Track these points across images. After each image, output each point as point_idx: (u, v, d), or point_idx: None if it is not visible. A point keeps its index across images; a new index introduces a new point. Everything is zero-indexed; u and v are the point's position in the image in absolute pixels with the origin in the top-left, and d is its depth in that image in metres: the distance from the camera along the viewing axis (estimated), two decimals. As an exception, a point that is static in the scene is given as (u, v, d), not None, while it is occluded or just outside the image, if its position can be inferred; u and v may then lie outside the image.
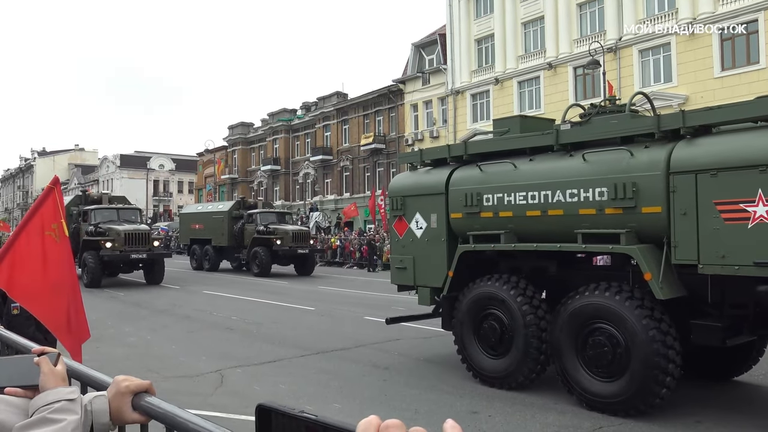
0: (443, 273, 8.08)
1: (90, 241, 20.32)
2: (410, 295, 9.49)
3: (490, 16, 35.23)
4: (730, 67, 25.11)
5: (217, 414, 6.08)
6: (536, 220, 7.10)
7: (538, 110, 32.21)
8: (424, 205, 8.45)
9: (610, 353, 6.17)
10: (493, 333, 7.35)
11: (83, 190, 25.75)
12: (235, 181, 58.72)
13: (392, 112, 42.39)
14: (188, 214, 31.68)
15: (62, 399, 1.32)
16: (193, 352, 9.60)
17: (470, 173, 7.95)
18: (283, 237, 24.35)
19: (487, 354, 7.45)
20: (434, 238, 8.26)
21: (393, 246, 9.12)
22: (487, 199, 7.58)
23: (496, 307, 7.34)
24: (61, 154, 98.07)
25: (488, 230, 7.54)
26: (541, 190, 7.03)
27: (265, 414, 0.89)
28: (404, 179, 9.15)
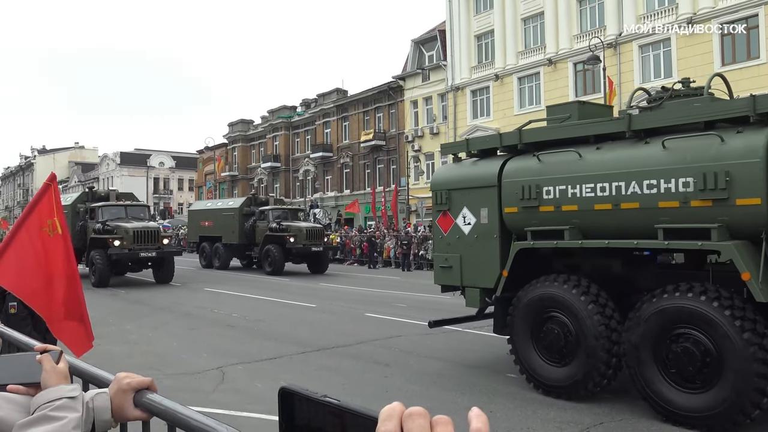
0: (495, 272, 7.47)
1: (98, 240, 19.79)
2: (454, 295, 8.94)
3: (489, 12, 35.17)
4: (731, 62, 25.06)
5: (219, 411, 6.08)
6: (606, 215, 6.47)
7: (538, 106, 32.18)
8: (472, 199, 7.81)
9: (699, 361, 5.54)
10: (555, 338, 6.71)
11: (90, 186, 24.96)
12: (235, 179, 58.70)
13: (392, 108, 42.35)
14: (197, 210, 30.87)
15: (63, 397, 1.33)
16: (195, 349, 9.61)
17: (527, 164, 7.29)
18: (297, 234, 23.74)
19: (548, 361, 6.81)
20: (485, 234, 7.64)
21: (437, 244, 8.46)
22: (548, 191, 6.92)
23: (558, 310, 6.70)
24: (62, 152, 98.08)
25: (549, 226, 6.90)
26: (613, 181, 6.38)
27: (288, 397, 0.88)
28: (449, 171, 8.52)
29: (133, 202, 22.81)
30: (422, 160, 38.83)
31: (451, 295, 8.94)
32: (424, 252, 28.36)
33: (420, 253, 28.38)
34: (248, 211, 26.41)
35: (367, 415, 0.81)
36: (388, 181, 41.15)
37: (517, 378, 7.58)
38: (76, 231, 20.82)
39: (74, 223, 20.87)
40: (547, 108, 8.54)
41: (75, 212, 21.48)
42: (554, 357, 6.75)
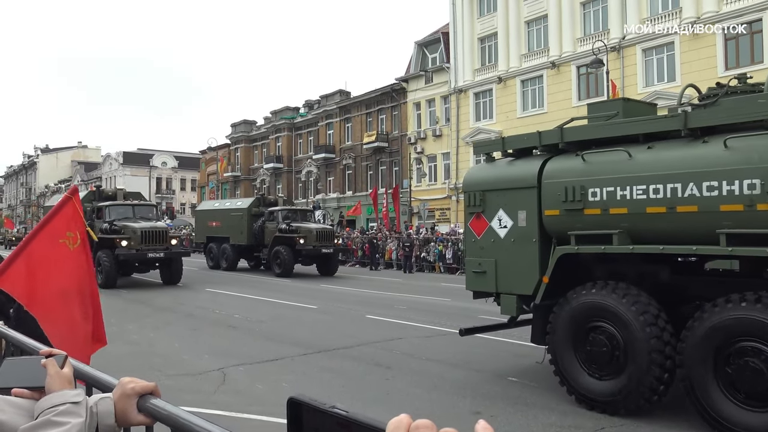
0: (534, 278, 7.09)
1: (105, 240, 19.21)
2: (486, 302, 8.57)
3: (493, 15, 35.18)
4: (734, 66, 25.00)
5: (220, 412, 6.09)
6: (660, 218, 6.08)
7: (541, 109, 32.19)
8: (509, 201, 7.41)
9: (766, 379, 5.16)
10: (601, 350, 6.29)
11: (97, 185, 24.76)
12: (238, 179, 58.74)
13: (395, 110, 42.36)
14: (205, 211, 30.42)
15: (67, 402, 1.33)
16: (196, 350, 9.61)
17: (570, 164, 6.90)
18: (307, 236, 23.29)
19: (593, 374, 6.39)
20: (522, 238, 7.25)
21: (469, 247, 8.06)
22: (594, 193, 6.52)
23: (606, 320, 6.27)
24: (64, 151, 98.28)
25: (595, 229, 6.51)
26: (668, 182, 5.96)
27: (296, 407, 0.89)
28: (482, 171, 8.12)
29: (140, 201, 22.47)
30: (425, 162, 38.83)
31: (485, 301, 8.55)
32: (425, 254, 28.38)
33: (422, 255, 28.39)
34: (257, 211, 26.09)
35: (374, 427, 0.81)
36: (390, 182, 41.16)
37: (519, 382, 7.58)
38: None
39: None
40: (589, 105, 8.18)
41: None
42: (600, 369, 6.34)
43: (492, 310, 14.07)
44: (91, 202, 21.31)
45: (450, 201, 36.99)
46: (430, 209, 36.40)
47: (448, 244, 27.78)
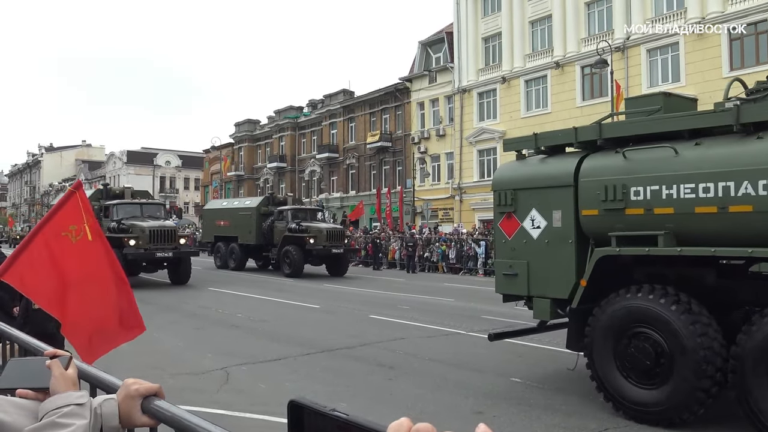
0: (570, 281, 6.78)
1: (112, 239, 18.93)
2: (516, 306, 8.30)
3: (497, 15, 35.14)
4: (739, 67, 24.95)
5: (222, 412, 6.10)
6: (710, 219, 5.77)
7: (545, 109, 32.14)
8: (543, 200, 7.10)
9: None
10: (644, 357, 5.97)
11: (104, 184, 23.79)
12: (241, 178, 58.80)
13: (399, 110, 42.35)
14: (212, 209, 30.04)
15: (71, 403, 1.33)
16: (199, 349, 9.63)
17: (610, 161, 6.61)
18: (317, 235, 22.98)
19: (635, 382, 6.08)
20: (558, 239, 6.94)
21: (499, 249, 7.75)
22: (636, 192, 6.22)
23: (649, 325, 5.96)
24: (68, 150, 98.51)
25: (637, 230, 6.20)
26: (719, 180, 5.66)
27: (297, 410, 0.89)
28: (514, 170, 7.78)
29: (148, 200, 22.20)
30: (428, 161, 38.82)
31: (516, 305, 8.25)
32: (428, 254, 28.39)
33: (425, 255, 28.40)
34: (266, 210, 25.81)
35: (375, 430, 0.81)
36: (393, 182, 41.14)
37: (522, 382, 7.57)
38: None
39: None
40: (626, 101, 7.82)
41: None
42: (643, 378, 6.02)
43: (496, 310, 14.10)
44: (98, 201, 21.11)
45: (453, 201, 36.96)
46: (434, 209, 36.37)
47: (451, 244, 27.78)
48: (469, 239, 27.40)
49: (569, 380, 7.65)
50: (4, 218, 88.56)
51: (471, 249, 26.81)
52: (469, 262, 26.69)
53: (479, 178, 35.74)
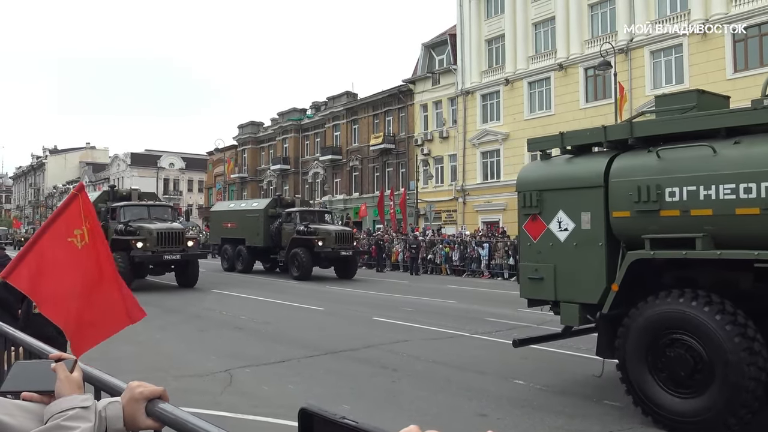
0: (600, 286, 6.56)
1: (119, 241, 18.60)
2: (542, 310, 8.11)
3: (500, 17, 35.15)
4: (743, 68, 24.91)
5: (226, 414, 6.10)
6: (752, 220, 5.55)
7: (548, 111, 32.13)
8: (570, 202, 6.86)
9: None
10: (681, 365, 5.72)
11: (111, 185, 23.56)
12: (245, 180, 58.90)
13: (402, 112, 42.38)
14: (220, 211, 29.73)
15: (76, 406, 1.34)
16: (203, 352, 9.64)
17: (642, 161, 6.37)
18: (326, 238, 22.76)
19: (672, 391, 5.83)
20: (587, 242, 6.70)
21: (524, 252, 7.54)
22: (672, 193, 5.98)
23: (685, 331, 5.72)
24: (73, 152, 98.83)
25: (673, 232, 5.95)
26: (762, 180, 5.44)
27: (308, 418, 0.90)
28: (539, 170, 7.56)
29: (155, 202, 22.01)
30: (431, 163, 38.82)
31: (541, 309, 8.06)
32: (432, 256, 28.38)
33: (428, 257, 28.39)
34: (274, 212, 25.62)
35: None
36: (397, 184, 41.15)
37: (525, 384, 7.56)
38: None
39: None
40: (657, 99, 7.48)
41: (96, 212, 21.06)
42: (680, 386, 5.76)
43: (499, 312, 14.09)
44: (105, 203, 20.94)
45: (456, 203, 36.95)
46: (437, 211, 36.37)
47: (454, 246, 27.77)
48: (473, 242, 27.38)
49: (573, 382, 7.64)
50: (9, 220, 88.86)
51: (474, 251, 26.79)
52: (473, 264, 26.68)
53: (482, 180, 35.73)
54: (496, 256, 25.72)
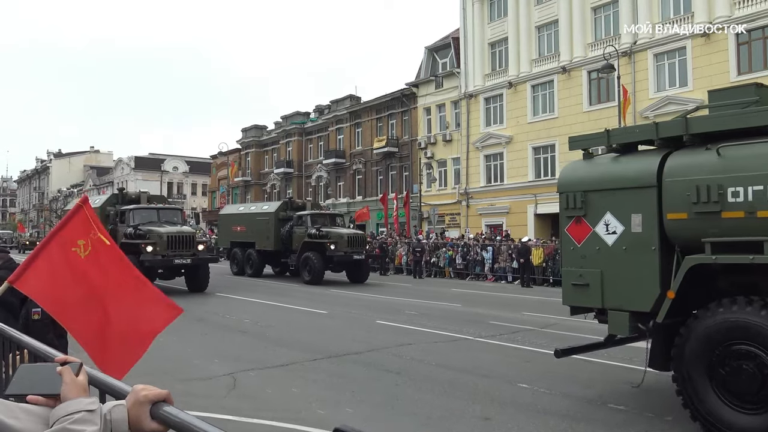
0: (653, 293, 6.18)
1: (129, 245, 18.08)
2: (585, 319, 7.76)
3: (503, 20, 35.18)
4: (747, 71, 24.86)
5: (230, 417, 6.10)
6: None
7: (552, 114, 32.12)
8: (619, 203, 6.47)
9: None
10: (747, 378, 5.32)
11: (120, 188, 23.05)
12: (248, 184, 59.00)
13: (405, 115, 42.43)
14: (228, 215, 29.31)
15: (82, 410, 1.34)
16: (206, 355, 9.65)
17: (700, 159, 6.01)
18: (338, 241, 22.40)
19: (737, 407, 5.45)
20: (637, 245, 6.31)
21: (567, 256, 7.10)
22: (735, 193, 5.59)
23: (753, 342, 5.34)
24: (77, 156, 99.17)
25: (737, 235, 5.62)
26: None
27: None
28: (582, 169, 7.10)
29: (164, 204, 21.69)
30: (435, 167, 38.84)
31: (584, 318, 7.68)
32: (435, 259, 28.37)
33: (431, 261, 28.38)
34: (284, 216, 25.19)
35: None
36: (400, 187, 41.17)
37: (529, 388, 7.54)
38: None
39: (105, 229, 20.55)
40: (710, 93, 7.13)
41: (104, 215, 20.25)
42: (746, 401, 5.38)
43: (503, 315, 14.08)
44: (113, 206, 20.64)
45: (460, 206, 36.94)
46: (440, 214, 36.36)
47: (458, 249, 27.75)
48: (477, 246, 27.36)
49: (577, 386, 7.62)
50: (14, 224, 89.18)
51: (478, 254, 26.77)
52: (476, 268, 26.66)
53: (486, 183, 35.72)
54: (500, 259, 25.70)
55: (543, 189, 32.10)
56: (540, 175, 32.72)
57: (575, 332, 11.84)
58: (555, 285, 23.36)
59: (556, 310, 15.52)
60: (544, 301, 17.91)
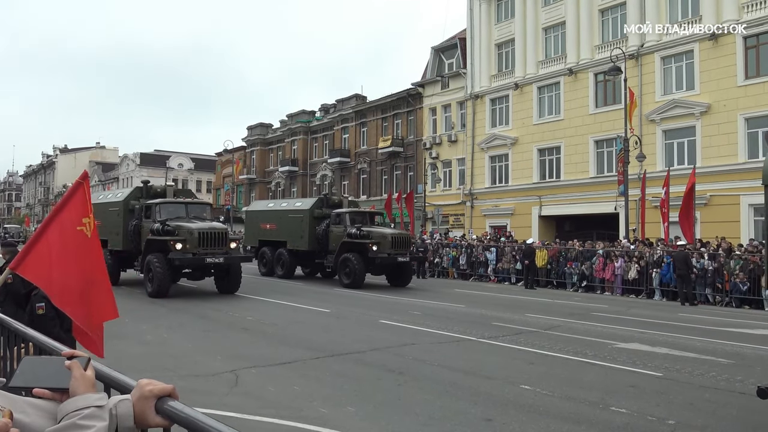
0: None
1: (156, 242, 17.08)
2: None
3: (510, 21, 35.13)
4: (754, 75, 24.78)
5: (232, 414, 6.11)
6: None
7: (558, 116, 32.06)
8: None
9: None
10: None
11: (144, 181, 21.40)
12: (253, 182, 59.06)
13: (411, 115, 42.41)
14: (257, 212, 27.43)
15: (92, 405, 1.35)
16: (209, 352, 9.66)
17: None
18: (381, 242, 20.70)
19: None
20: None
21: None
22: None
23: None
24: (83, 151, 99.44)
25: None
26: None
27: None
28: None
29: (192, 199, 20.42)
30: (439, 167, 38.81)
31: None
32: (439, 260, 28.33)
33: (435, 261, 28.35)
34: (320, 213, 23.50)
35: None
36: (405, 187, 41.16)
37: (531, 390, 7.53)
38: (129, 231, 18.96)
39: (126, 223, 19.20)
40: None
41: (128, 210, 19.28)
42: None
43: (506, 317, 14.07)
44: (137, 200, 19.38)
45: (464, 207, 36.91)
46: (444, 215, 36.33)
47: (461, 249, 27.73)
48: (480, 246, 27.33)
49: (579, 388, 7.61)
50: (20, 218, 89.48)
51: (482, 255, 26.75)
52: (480, 268, 26.63)
53: (491, 184, 35.68)
54: (504, 260, 25.68)
55: (548, 191, 32.07)
56: (545, 177, 32.67)
57: (579, 335, 11.83)
58: (559, 287, 23.35)
59: (559, 312, 15.51)
60: (548, 303, 17.88)
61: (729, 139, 25.07)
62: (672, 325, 13.57)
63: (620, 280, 21.30)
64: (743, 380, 8.16)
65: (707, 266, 19.16)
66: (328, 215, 23.30)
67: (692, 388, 7.73)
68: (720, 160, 25.18)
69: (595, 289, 22.02)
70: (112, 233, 19.70)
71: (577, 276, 22.79)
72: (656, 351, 10.22)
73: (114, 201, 20.55)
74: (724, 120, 25.22)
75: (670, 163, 26.49)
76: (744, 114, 24.69)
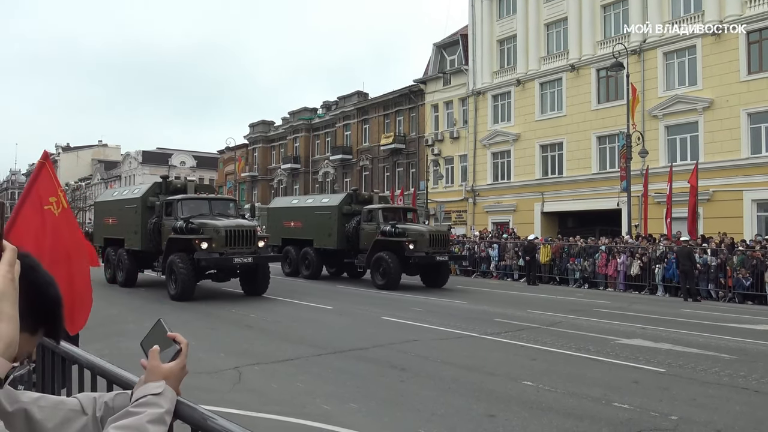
0: None
1: (179, 240, 16.00)
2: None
3: (512, 17, 35.06)
4: (757, 70, 24.71)
5: (234, 411, 6.12)
6: None
7: (560, 112, 32.01)
8: None
9: None
10: None
11: (164, 176, 20.29)
12: (255, 179, 59.11)
13: (413, 112, 42.38)
14: (280, 208, 25.80)
15: (149, 393, 1.33)
16: (212, 349, 9.67)
17: None
18: (418, 240, 19.47)
19: None
20: None
21: None
22: None
23: None
24: (85, 149, 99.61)
25: None
26: None
27: None
28: None
29: (215, 195, 19.30)
30: (441, 164, 38.79)
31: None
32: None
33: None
34: (349, 210, 22.14)
35: None
36: (407, 184, 41.16)
37: (534, 386, 7.53)
38: (148, 230, 18.09)
39: (145, 221, 18.27)
40: None
41: (147, 207, 18.36)
42: None
43: (509, 313, 14.06)
44: (157, 196, 18.40)
45: (467, 203, 36.90)
46: (447, 211, 36.34)
47: (464, 246, 27.72)
48: (483, 243, 27.32)
49: (582, 384, 7.61)
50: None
51: (484, 251, 26.74)
52: (482, 265, 26.63)
53: (493, 180, 35.67)
54: (506, 257, 25.67)
55: (550, 187, 32.04)
56: (547, 173, 32.64)
57: (582, 331, 11.83)
58: (561, 283, 23.34)
59: (562, 308, 15.51)
60: (550, 299, 17.89)
61: (732, 134, 25.03)
62: (675, 321, 13.56)
63: (623, 276, 21.30)
64: (746, 376, 8.16)
65: (710, 262, 19.15)
66: (357, 212, 22.06)
67: (695, 384, 7.73)
68: (723, 156, 25.13)
69: (598, 285, 22.02)
70: (129, 232, 18.97)
71: (579, 272, 22.78)
72: (659, 347, 10.22)
73: (131, 198, 19.57)
74: (727, 115, 25.17)
75: (672, 159, 26.45)
76: (747, 109, 24.63)
